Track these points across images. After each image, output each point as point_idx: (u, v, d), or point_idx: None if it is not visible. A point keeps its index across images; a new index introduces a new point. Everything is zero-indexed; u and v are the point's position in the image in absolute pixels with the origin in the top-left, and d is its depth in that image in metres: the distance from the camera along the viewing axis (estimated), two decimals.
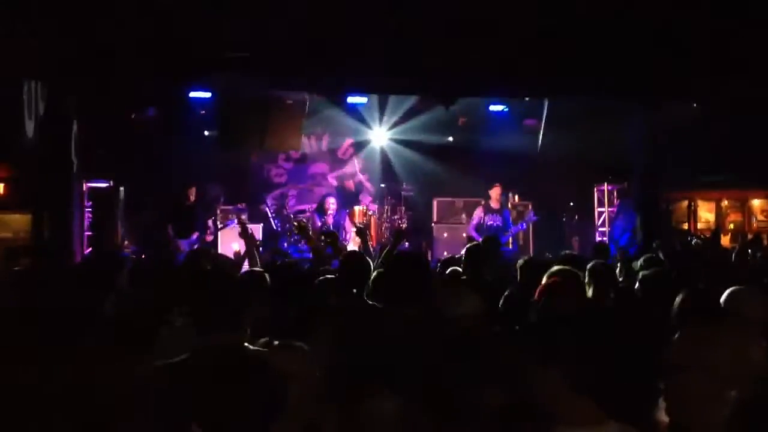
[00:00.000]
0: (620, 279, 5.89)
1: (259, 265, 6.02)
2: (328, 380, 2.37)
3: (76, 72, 7.86)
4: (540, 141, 11.18)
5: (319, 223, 10.94)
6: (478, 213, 10.78)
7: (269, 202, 12.79)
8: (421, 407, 2.16)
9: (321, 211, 11.35)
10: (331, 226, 11.02)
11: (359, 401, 2.11)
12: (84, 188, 10.18)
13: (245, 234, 6.08)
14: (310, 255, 7.25)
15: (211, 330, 2.65)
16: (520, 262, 5.24)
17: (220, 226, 10.67)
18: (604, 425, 2.04)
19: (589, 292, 4.52)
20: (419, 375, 2.47)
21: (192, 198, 10.44)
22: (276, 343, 2.64)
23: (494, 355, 2.83)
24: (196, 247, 9.67)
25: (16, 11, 7.11)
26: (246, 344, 2.59)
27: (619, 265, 6.57)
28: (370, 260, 4.59)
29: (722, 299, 3.64)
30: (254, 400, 1.96)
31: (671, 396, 2.20)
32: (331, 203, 11.34)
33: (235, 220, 9.73)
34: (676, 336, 2.00)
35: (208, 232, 10.48)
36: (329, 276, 4.43)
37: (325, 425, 2.10)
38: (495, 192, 10.81)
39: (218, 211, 11.45)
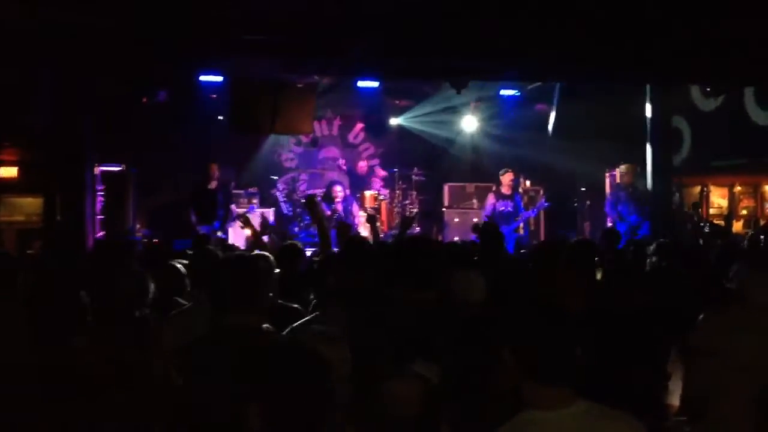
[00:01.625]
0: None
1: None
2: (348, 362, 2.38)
3: (88, 55, 7.85)
4: (551, 125, 11.09)
5: (329, 212, 10.87)
6: (490, 200, 10.72)
7: (280, 186, 12.80)
8: (441, 389, 2.16)
9: (328, 199, 11.22)
10: (342, 213, 10.98)
11: (379, 383, 2.11)
12: (96, 172, 10.20)
13: (249, 226, 6.08)
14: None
15: (230, 311, 2.64)
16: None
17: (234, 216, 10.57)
18: (572, 406, 2.03)
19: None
20: (438, 357, 2.47)
21: (214, 181, 10.36)
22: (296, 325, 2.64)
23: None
24: (219, 234, 9.64)
25: None
26: (266, 326, 2.59)
27: (632, 247, 6.56)
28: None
29: (739, 285, 3.62)
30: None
31: (690, 379, 2.20)
32: (338, 190, 11.23)
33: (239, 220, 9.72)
34: (698, 321, 1.99)
35: (230, 218, 10.38)
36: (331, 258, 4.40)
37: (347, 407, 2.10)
38: (506, 178, 10.74)
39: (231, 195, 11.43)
